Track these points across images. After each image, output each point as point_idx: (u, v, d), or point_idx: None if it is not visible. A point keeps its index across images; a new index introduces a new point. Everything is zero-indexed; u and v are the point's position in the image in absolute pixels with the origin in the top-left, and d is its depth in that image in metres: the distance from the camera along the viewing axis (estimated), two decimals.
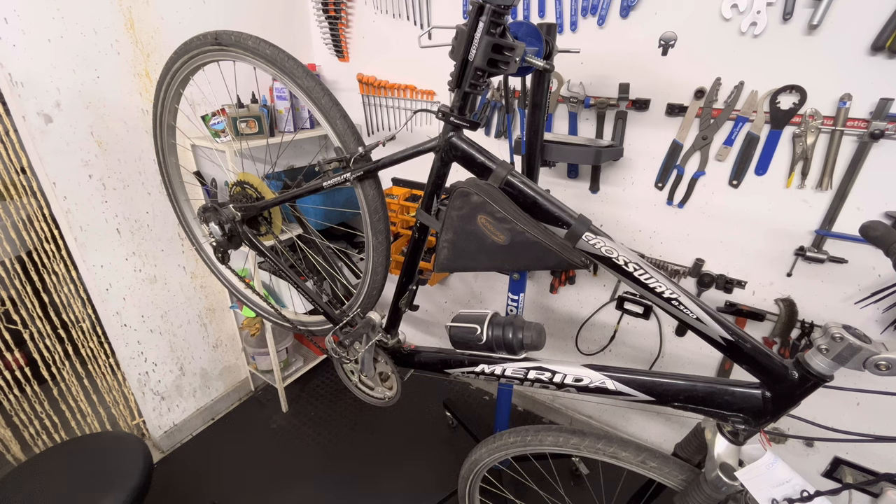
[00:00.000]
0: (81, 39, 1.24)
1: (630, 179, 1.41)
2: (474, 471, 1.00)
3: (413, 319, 2.29)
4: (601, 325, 1.67)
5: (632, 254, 0.65)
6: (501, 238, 0.69)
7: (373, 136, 1.90)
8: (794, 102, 1.09)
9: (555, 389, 0.73)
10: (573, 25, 1.31)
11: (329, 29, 1.80)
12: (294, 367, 2.03)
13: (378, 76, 1.76)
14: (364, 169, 0.78)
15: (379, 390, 1.02)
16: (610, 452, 0.78)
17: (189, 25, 1.48)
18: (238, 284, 1.22)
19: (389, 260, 0.91)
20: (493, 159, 0.70)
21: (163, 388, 1.74)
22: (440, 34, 1.50)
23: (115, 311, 1.51)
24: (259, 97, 1.58)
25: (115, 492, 1.03)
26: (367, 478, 1.68)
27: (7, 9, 1.10)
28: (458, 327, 0.76)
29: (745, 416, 0.63)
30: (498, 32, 0.63)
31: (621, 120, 1.33)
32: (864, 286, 1.15)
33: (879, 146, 1.04)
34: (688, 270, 1.39)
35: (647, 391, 0.68)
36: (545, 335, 0.73)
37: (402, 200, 1.76)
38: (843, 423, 0.63)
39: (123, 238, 1.47)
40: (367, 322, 0.91)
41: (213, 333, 1.87)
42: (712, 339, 0.63)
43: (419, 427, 1.91)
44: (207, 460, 1.76)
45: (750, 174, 1.21)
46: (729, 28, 1.11)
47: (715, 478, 0.65)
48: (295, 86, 0.78)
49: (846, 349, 0.52)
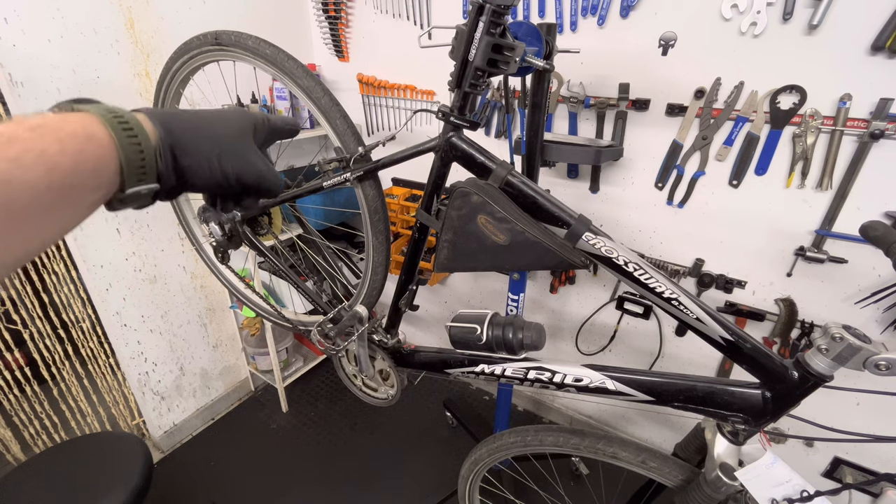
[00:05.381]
0: (81, 39, 1.24)
1: (630, 179, 1.41)
2: (474, 471, 1.00)
3: (413, 319, 2.29)
4: (601, 325, 1.67)
5: (632, 254, 0.65)
6: (501, 238, 0.69)
7: (373, 136, 1.90)
8: (794, 102, 1.09)
9: (555, 389, 0.73)
10: (573, 25, 1.31)
11: (329, 29, 1.80)
12: (294, 367, 2.04)
13: (378, 76, 1.76)
14: (364, 169, 0.78)
15: (382, 390, 1.03)
16: (610, 452, 0.78)
17: (189, 25, 1.48)
18: (238, 284, 1.22)
19: (389, 260, 0.90)
20: (493, 159, 0.70)
21: (163, 388, 1.74)
22: (440, 34, 1.50)
23: (115, 311, 1.51)
24: (259, 97, 1.58)
25: (115, 492, 1.03)
26: (366, 478, 1.68)
27: (7, 9, 1.10)
28: (458, 327, 0.76)
29: (745, 416, 0.63)
30: (498, 32, 0.63)
31: (621, 120, 1.33)
32: (864, 286, 1.15)
33: (879, 146, 1.04)
34: (688, 270, 1.39)
35: (647, 391, 0.68)
36: (545, 335, 0.73)
37: (402, 200, 1.76)
38: (843, 423, 0.63)
39: (123, 238, 1.47)
40: (353, 315, 0.91)
41: (213, 333, 1.87)
42: (712, 339, 0.63)
43: (419, 427, 1.91)
44: (207, 460, 1.76)
45: (750, 174, 1.21)
46: (729, 28, 1.11)
47: (715, 478, 0.65)
48: (295, 86, 0.78)
49: (846, 349, 0.52)
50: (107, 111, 0.29)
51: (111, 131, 0.28)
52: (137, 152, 0.29)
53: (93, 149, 0.27)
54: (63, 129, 0.26)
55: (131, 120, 0.30)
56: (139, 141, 0.29)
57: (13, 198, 0.23)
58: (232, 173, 0.35)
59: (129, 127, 0.29)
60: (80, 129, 0.27)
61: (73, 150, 0.26)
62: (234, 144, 0.36)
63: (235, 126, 0.37)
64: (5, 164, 0.23)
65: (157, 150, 0.31)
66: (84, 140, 0.27)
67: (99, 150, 0.27)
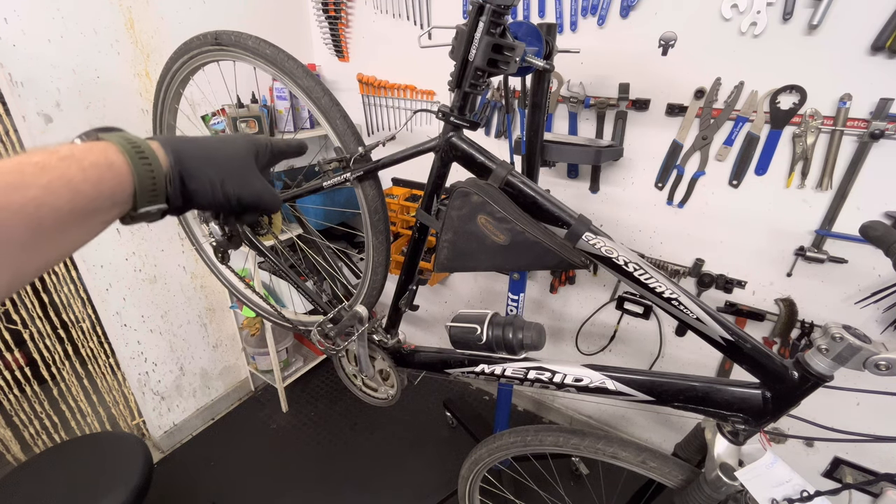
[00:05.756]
0: (81, 39, 1.24)
1: (630, 179, 1.41)
2: (474, 471, 1.00)
3: (413, 319, 2.29)
4: (601, 325, 1.67)
5: (632, 254, 0.65)
6: (501, 238, 0.69)
7: (373, 136, 1.90)
8: (794, 102, 1.09)
9: (555, 389, 0.73)
10: (573, 25, 1.31)
11: (329, 29, 1.80)
12: (294, 367, 2.04)
13: (378, 76, 1.76)
14: (364, 169, 0.78)
15: (382, 390, 1.03)
16: (610, 452, 0.78)
17: (189, 25, 1.48)
18: (238, 284, 1.22)
19: (389, 260, 0.90)
20: (493, 159, 0.70)
21: (163, 388, 1.74)
22: (440, 34, 1.50)
23: (115, 311, 1.51)
24: (259, 97, 1.57)
25: (115, 492, 1.03)
26: (366, 478, 1.68)
27: (7, 9, 1.10)
28: (458, 327, 0.76)
29: (745, 416, 0.63)
30: (498, 32, 0.63)
31: (621, 120, 1.33)
32: (864, 286, 1.15)
33: (879, 146, 1.04)
34: (688, 270, 1.39)
35: (647, 391, 0.68)
36: (545, 335, 0.73)
37: (402, 200, 1.76)
38: (843, 423, 0.63)
39: (123, 238, 1.47)
40: (353, 315, 0.91)
41: (213, 333, 1.87)
42: (712, 339, 0.63)
43: (419, 427, 1.91)
44: (207, 460, 1.76)
45: (750, 174, 1.21)
46: (729, 28, 1.11)
47: (715, 478, 0.65)
48: (295, 86, 0.78)
49: (846, 349, 0.52)
50: (125, 141, 0.33)
51: (128, 159, 0.32)
52: (150, 178, 0.33)
53: (111, 175, 0.31)
54: (87, 158, 0.30)
55: (146, 149, 0.34)
56: (152, 168, 0.34)
57: (43, 219, 0.27)
58: (233, 195, 0.39)
59: (145, 156, 0.33)
60: (103, 159, 0.31)
61: (95, 178, 0.30)
62: (236, 170, 0.40)
63: (239, 152, 0.41)
64: (39, 190, 0.27)
65: (168, 176, 0.35)
66: (105, 168, 0.31)
67: (117, 178, 0.32)
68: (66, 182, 0.28)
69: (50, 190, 0.27)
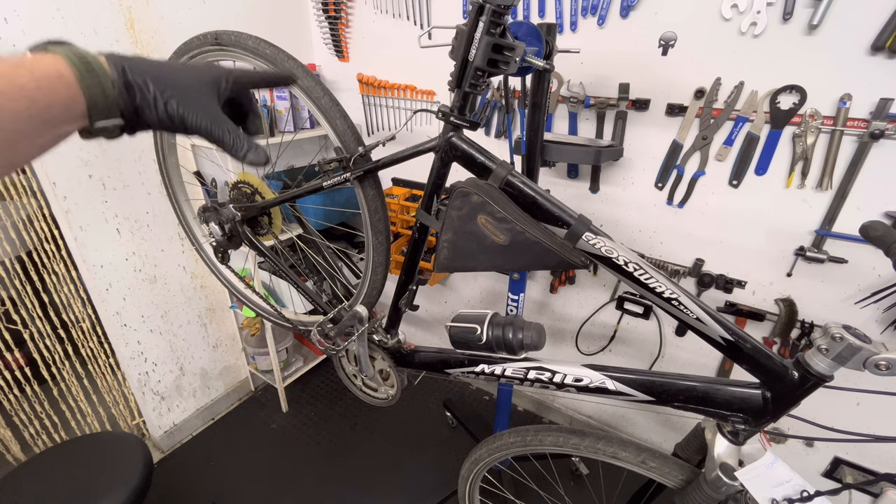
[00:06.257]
0: (81, 39, 1.24)
1: (630, 179, 1.41)
2: (474, 471, 1.00)
3: (413, 319, 2.29)
4: (601, 325, 1.67)
5: (632, 254, 0.65)
6: (501, 238, 0.69)
7: (373, 136, 1.90)
8: (794, 102, 1.09)
9: (555, 389, 0.73)
10: (573, 25, 1.31)
11: (329, 29, 1.80)
12: (294, 367, 2.03)
13: (378, 76, 1.76)
14: (364, 169, 0.78)
15: (382, 390, 1.03)
16: (610, 452, 0.78)
17: (189, 25, 1.47)
18: (238, 284, 1.22)
19: (389, 260, 0.91)
20: (493, 159, 0.70)
21: (163, 388, 1.74)
22: (440, 34, 1.50)
23: (115, 311, 1.51)
24: (259, 97, 1.57)
25: (115, 492, 1.03)
26: (367, 478, 1.68)
27: (7, 9, 1.10)
28: (458, 327, 0.76)
29: (745, 416, 0.63)
30: (498, 32, 0.63)
31: (621, 120, 1.33)
32: (864, 286, 1.15)
33: (879, 146, 1.04)
34: (688, 270, 1.39)
35: (647, 391, 0.68)
36: (545, 335, 0.73)
37: (402, 200, 1.76)
38: (843, 423, 0.63)
39: (123, 238, 1.47)
40: (353, 315, 0.91)
41: (213, 333, 1.87)
42: (712, 339, 0.63)
43: (419, 427, 1.91)
44: (207, 460, 1.76)
45: (750, 174, 1.21)
46: (729, 28, 1.11)
47: (715, 478, 0.65)
48: (295, 86, 0.78)
49: (846, 349, 0.52)
50: (73, 54, 0.32)
51: (76, 71, 0.32)
52: (100, 91, 0.33)
53: (63, 86, 0.31)
54: (38, 68, 0.30)
55: (94, 62, 0.33)
56: (101, 82, 0.33)
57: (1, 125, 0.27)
58: (177, 115, 0.39)
59: (93, 68, 0.33)
60: (52, 70, 0.31)
61: (48, 88, 0.30)
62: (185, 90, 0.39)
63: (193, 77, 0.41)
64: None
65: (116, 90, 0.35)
66: (56, 79, 0.31)
67: (69, 90, 0.31)
68: (20, 88, 0.28)
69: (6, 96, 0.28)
